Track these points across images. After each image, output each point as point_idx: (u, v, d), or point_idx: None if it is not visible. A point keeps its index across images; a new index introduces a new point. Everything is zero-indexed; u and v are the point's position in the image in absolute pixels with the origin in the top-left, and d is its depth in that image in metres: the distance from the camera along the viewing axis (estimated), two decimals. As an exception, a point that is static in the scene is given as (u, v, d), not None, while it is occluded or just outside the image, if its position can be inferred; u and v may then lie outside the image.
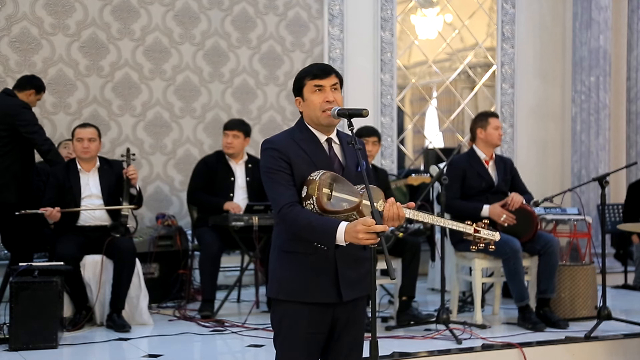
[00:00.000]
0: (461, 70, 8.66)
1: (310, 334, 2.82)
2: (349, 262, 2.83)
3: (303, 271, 2.80)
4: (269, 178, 2.80)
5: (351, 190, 2.78)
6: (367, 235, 2.59)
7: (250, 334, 5.28)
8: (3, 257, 6.32)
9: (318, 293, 2.80)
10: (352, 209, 2.73)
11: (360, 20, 7.91)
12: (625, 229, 6.42)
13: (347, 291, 2.82)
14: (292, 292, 2.82)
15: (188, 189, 6.29)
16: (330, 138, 2.89)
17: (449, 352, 4.83)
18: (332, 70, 2.88)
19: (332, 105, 2.82)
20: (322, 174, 2.74)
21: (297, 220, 2.72)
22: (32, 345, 4.79)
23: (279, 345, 2.88)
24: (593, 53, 8.30)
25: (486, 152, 5.84)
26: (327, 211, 2.71)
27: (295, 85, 2.90)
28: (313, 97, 2.84)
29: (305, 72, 2.88)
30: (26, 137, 5.65)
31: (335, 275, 2.80)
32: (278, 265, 2.87)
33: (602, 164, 8.28)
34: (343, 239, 2.65)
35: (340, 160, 2.88)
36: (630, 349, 5.22)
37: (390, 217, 2.76)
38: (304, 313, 2.80)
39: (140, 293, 5.61)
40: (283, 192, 2.77)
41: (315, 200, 2.71)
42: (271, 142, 2.85)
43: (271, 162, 2.80)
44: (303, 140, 2.84)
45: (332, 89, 2.84)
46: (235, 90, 7.45)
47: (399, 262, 5.69)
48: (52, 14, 6.82)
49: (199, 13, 7.32)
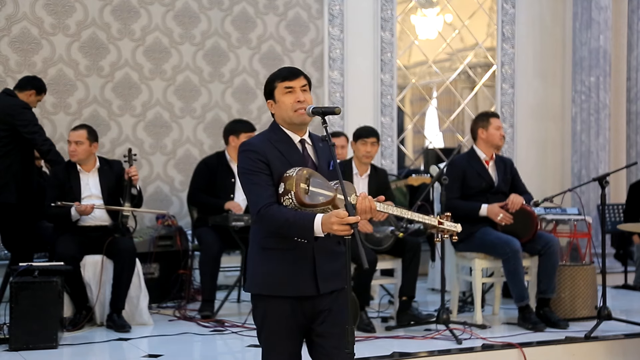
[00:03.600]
0: (461, 70, 8.66)
1: (292, 326, 2.96)
2: (326, 256, 2.96)
3: (282, 266, 2.93)
4: (248, 179, 2.94)
5: (326, 185, 2.92)
6: (341, 227, 2.72)
7: (250, 334, 5.28)
8: (3, 257, 6.32)
9: (297, 287, 2.93)
10: (327, 202, 2.88)
11: (360, 20, 7.91)
12: (625, 229, 6.42)
13: (324, 284, 2.95)
14: (272, 287, 2.94)
15: (189, 190, 6.29)
16: (303, 139, 3.03)
17: (449, 352, 4.83)
18: (300, 72, 3.02)
19: (303, 105, 2.96)
20: (299, 170, 2.87)
21: (275, 218, 2.85)
22: (32, 345, 4.80)
23: (263, 339, 3.03)
24: (593, 53, 8.30)
25: (487, 152, 5.84)
26: (305, 205, 2.85)
27: (266, 89, 3.04)
28: (284, 99, 2.98)
29: (275, 75, 3.02)
30: (26, 137, 5.65)
31: (313, 269, 2.93)
32: (257, 262, 2.99)
33: (602, 164, 8.28)
34: (320, 230, 2.79)
35: (313, 160, 3.03)
36: (630, 349, 5.22)
37: (363, 210, 2.90)
38: (285, 306, 2.94)
39: (140, 293, 5.61)
40: (261, 192, 2.90)
41: (293, 195, 2.84)
42: (249, 144, 2.99)
43: (249, 164, 2.93)
44: (278, 142, 2.98)
45: (301, 89, 2.98)
46: (235, 90, 7.45)
47: (399, 262, 5.69)
48: (52, 14, 6.82)
49: (199, 13, 7.32)
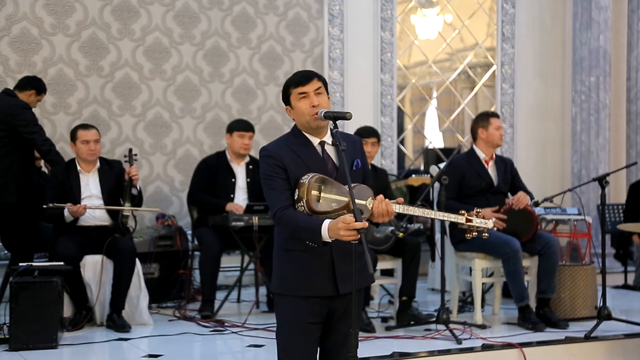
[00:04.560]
0: (461, 70, 8.67)
1: (310, 324, 3.01)
2: (345, 257, 2.96)
3: (302, 267, 2.99)
4: (266, 184, 3.00)
5: (340, 190, 2.92)
6: (348, 232, 2.76)
7: (250, 334, 5.28)
8: (3, 257, 6.32)
9: (316, 287, 2.99)
10: (341, 208, 2.90)
11: (360, 20, 7.91)
12: (625, 229, 6.42)
13: (343, 285, 2.99)
14: (293, 287, 3.01)
15: (189, 190, 6.29)
16: (323, 141, 3.04)
17: (449, 352, 4.83)
18: (313, 75, 3.04)
19: (317, 109, 2.98)
20: (311, 177, 2.89)
21: (288, 222, 2.93)
22: (32, 345, 4.79)
23: (281, 335, 3.07)
24: (593, 53, 8.30)
25: (486, 152, 5.84)
26: (316, 212, 2.89)
27: (283, 95, 3.09)
28: (299, 104, 3.01)
29: (289, 81, 3.06)
30: (26, 137, 5.65)
31: (332, 270, 2.99)
32: (279, 263, 3.07)
33: (602, 164, 8.28)
34: (327, 235, 2.84)
35: (334, 161, 3.03)
36: (630, 349, 5.22)
37: (380, 213, 2.94)
38: (304, 306, 2.99)
39: (140, 293, 5.61)
40: (277, 196, 2.96)
41: (305, 202, 2.88)
42: (267, 149, 3.03)
43: (267, 169, 2.99)
44: (296, 145, 3.02)
45: (315, 93, 3.00)
46: (235, 90, 7.45)
47: (399, 262, 5.69)
48: (52, 14, 6.82)
49: (199, 13, 7.32)
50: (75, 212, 5.39)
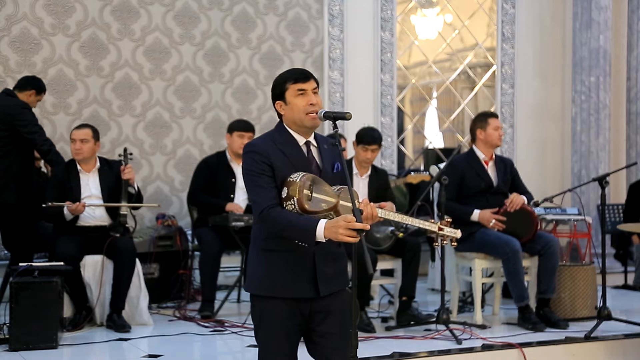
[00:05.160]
0: (461, 71, 8.66)
1: (289, 326, 2.97)
2: (326, 258, 2.97)
3: (282, 268, 2.95)
4: (251, 180, 2.95)
5: (329, 191, 2.93)
6: (348, 232, 2.72)
7: (250, 334, 5.26)
8: (3, 257, 6.32)
9: (296, 289, 2.95)
10: (329, 209, 2.90)
11: (360, 20, 7.91)
12: (625, 229, 6.42)
13: (324, 286, 2.97)
14: (272, 288, 2.96)
15: (189, 190, 6.29)
16: (308, 141, 3.03)
17: (449, 352, 4.83)
18: (311, 75, 3.03)
19: (315, 107, 2.96)
20: (303, 176, 2.88)
21: (278, 221, 2.87)
22: (32, 345, 4.79)
23: (260, 338, 3.03)
24: (593, 53, 8.30)
25: (486, 153, 5.84)
26: (307, 211, 2.87)
27: (276, 90, 3.02)
28: (297, 101, 2.97)
29: (286, 76, 3.02)
30: (26, 137, 5.65)
31: (313, 272, 2.95)
32: (258, 263, 3.01)
33: (602, 164, 8.28)
34: (322, 235, 2.80)
35: (318, 163, 3.03)
36: (630, 349, 5.22)
37: (365, 217, 2.90)
38: (283, 308, 2.95)
39: (140, 293, 5.61)
40: (264, 194, 2.91)
41: (296, 201, 2.86)
42: (253, 145, 2.99)
43: (253, 165, 2.94)
44: (282, 143, 2.98)
45: (313, 92, 2.99)
46: (235, 90, 7.45)
47: (399, 262, 5.69)
48: (52, 14, 6.82)
49: (199, 13, 7.32)
50: (75, 209, 5.39)
